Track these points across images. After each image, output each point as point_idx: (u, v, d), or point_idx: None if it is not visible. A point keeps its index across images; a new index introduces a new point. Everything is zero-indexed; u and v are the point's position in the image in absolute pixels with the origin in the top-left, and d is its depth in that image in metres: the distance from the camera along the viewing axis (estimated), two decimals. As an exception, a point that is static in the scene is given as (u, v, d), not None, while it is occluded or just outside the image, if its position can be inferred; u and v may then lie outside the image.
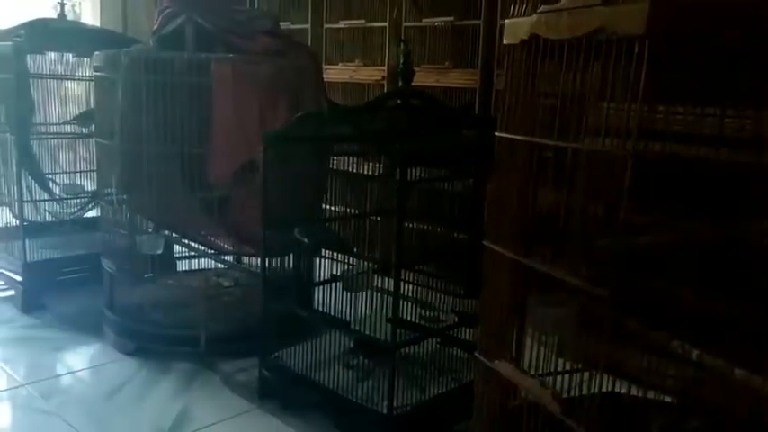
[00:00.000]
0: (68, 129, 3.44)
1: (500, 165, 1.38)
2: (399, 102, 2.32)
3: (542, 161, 1.39)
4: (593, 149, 1.15)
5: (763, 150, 1.13)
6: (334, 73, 4.03)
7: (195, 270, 3.01)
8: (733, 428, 1.20)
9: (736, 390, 1.28)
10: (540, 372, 1.49)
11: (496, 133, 1.37)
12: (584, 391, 1.31)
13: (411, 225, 2.71)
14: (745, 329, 1.13)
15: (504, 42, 1.34)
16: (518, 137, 1.31)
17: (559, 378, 1.50)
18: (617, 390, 1.76)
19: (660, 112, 1.45)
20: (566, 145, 1.20)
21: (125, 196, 2.62)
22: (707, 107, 1.44)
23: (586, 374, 1.38)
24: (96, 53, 2.60)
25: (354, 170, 2.62)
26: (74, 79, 3.44)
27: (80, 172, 3.57)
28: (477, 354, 1.48)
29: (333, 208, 2.81)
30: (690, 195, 1.47)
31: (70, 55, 3.35)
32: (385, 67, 3.79)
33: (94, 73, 2.65)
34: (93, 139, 2.96)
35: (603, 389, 1.73)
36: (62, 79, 3.39)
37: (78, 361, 2.58)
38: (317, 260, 2.38)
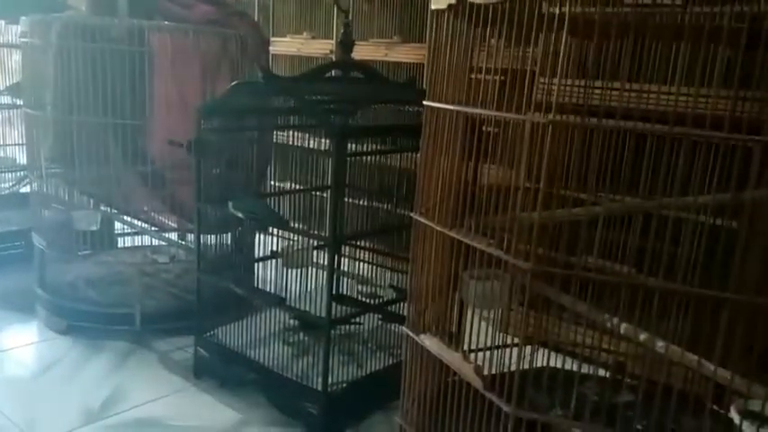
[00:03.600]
0: (2, 100, 3.31)
1: (428, 134, 1.34)
2: (341, 73, 2.26)
3: (470, 133, 1.36)
4: (513, 118, 1.12)
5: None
6: (283, 46, 3.93)
7: (132, 247, 2.92)
8: (664, 402, 1.19)
9: (666, 364, 1.28)
10: (480, 347, 1.46)
11: (424, 102, 1.33)
12: (525, 366, 1.29)
13: (355, 200, 2.67)
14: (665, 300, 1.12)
15: (432, 8, 1.29)
16: (444, 105, 1.27)
17: (503, 353, 1.48)
18: (554, 364, 1.77)
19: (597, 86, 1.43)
20: (487, 113, 1.16)
21: (58, 170, 2.51)
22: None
23: (526, 349, 1.36)
24: (23, 18, 2.47)
25: (297, 144, 2.56)
26: (7, 47, 3.30)
27: (15, 145, 3.44)
28: (405, 328, 1.45)
29: (273, 183, 2.75)
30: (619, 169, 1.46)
31: (2, 21, 3.21)
32: (333, 41, 3.70)
33: (21, 39, 2.52)
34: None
35: (543, 363, 1.73)
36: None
37: (7, 340, 2.47)
38: (259, 236, 2.32)
